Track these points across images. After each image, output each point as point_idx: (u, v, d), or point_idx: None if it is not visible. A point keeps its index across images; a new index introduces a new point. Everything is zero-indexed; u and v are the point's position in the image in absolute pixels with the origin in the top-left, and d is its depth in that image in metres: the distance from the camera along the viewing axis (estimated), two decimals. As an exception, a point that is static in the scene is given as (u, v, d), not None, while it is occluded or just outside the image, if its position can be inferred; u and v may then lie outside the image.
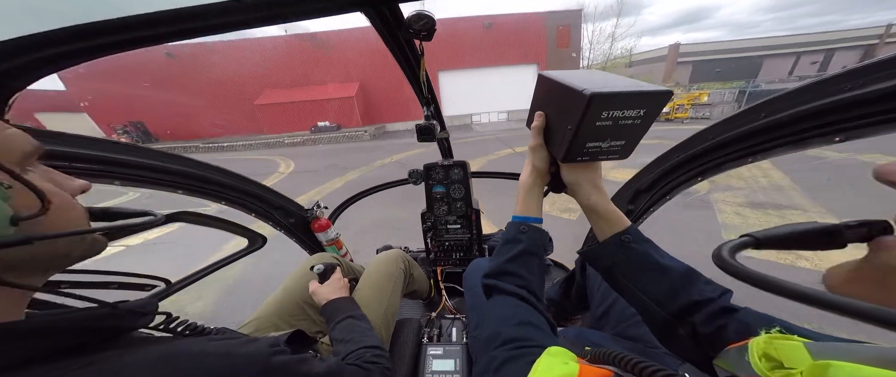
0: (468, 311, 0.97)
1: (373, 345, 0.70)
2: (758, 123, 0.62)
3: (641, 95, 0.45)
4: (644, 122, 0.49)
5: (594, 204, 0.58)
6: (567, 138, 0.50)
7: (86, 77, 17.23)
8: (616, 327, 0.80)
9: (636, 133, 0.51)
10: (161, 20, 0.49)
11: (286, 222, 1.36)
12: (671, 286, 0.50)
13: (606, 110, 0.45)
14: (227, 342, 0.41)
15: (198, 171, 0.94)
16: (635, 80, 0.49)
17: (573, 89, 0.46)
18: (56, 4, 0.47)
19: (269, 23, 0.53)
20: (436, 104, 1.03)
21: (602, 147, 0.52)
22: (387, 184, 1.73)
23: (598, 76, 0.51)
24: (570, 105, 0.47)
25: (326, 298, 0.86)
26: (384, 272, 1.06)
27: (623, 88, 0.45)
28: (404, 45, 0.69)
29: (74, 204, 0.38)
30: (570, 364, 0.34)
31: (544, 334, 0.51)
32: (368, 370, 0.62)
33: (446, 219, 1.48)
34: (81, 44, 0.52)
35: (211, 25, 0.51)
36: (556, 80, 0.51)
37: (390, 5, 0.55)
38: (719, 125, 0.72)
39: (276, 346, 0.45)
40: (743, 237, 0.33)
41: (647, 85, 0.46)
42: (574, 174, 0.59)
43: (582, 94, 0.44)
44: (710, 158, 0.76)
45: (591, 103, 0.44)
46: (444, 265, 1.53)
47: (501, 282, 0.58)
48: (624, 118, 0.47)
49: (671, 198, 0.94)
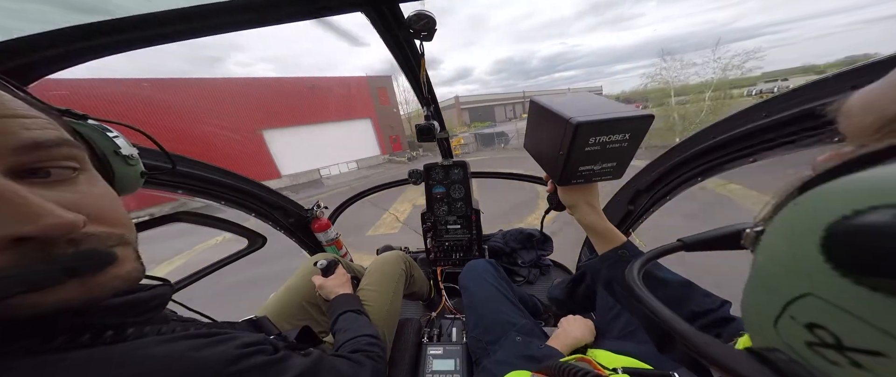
0: (466, 311, 0.97)
1: (369, 333, 0.70)
2: (757, 123, 0.62)
3: (624, 121, 0.47)
4: (631, 144, 0.50)
5: (591, 223, 0.62)
6: (560, 163, 0.52)
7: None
8: (625, 329, 0.80)
9: (625, 155, 0.52)
10: (162, 20, 0.49)
11: (286, 222, 1.36)
12: (669, 298, 0.52)
13: (593, 136, 0.47)
14: (190, 343, 0.35)
15: (198, 172, 0.94)
16: (622, 105, 0.51)
17: (561, 117, 0.48)
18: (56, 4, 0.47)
19: (269, 23, 0.53)
20: (436, 104, 1.03)
21: (594, 169, 0.54)
22: (387, 184, 1.73)
23: (585, 100, 0.53)
24: (560, 132, 0.49)
25: (333, 292, 0.86)
26: (386, 273, 1.06)
27: (607, 115, 0.47)
28: (404, 45, 0.69)
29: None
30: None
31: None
32: (358, 362, 0.59)
33: (446, 219, 1.48)
34: (81, 44, 0.52)
35: (212, 26, 0.51)
36: (546, 107, 0.53)
37: (390, 5, 0.55)
38: (719, 125, 0.72)
39: (252, 345, 0.40)
40: (677, 241, 0.38)
41: (630, 110, 0.49)
42: (571, 195, 0.62)
43: (569, 122, 0.46)
44: (710, 158, 0.76)
45: (577, 131, 0.46)
46: (443, 265, 1.53)
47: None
48: (611, 142, 0.49)
49: (671, 199, 0.94)
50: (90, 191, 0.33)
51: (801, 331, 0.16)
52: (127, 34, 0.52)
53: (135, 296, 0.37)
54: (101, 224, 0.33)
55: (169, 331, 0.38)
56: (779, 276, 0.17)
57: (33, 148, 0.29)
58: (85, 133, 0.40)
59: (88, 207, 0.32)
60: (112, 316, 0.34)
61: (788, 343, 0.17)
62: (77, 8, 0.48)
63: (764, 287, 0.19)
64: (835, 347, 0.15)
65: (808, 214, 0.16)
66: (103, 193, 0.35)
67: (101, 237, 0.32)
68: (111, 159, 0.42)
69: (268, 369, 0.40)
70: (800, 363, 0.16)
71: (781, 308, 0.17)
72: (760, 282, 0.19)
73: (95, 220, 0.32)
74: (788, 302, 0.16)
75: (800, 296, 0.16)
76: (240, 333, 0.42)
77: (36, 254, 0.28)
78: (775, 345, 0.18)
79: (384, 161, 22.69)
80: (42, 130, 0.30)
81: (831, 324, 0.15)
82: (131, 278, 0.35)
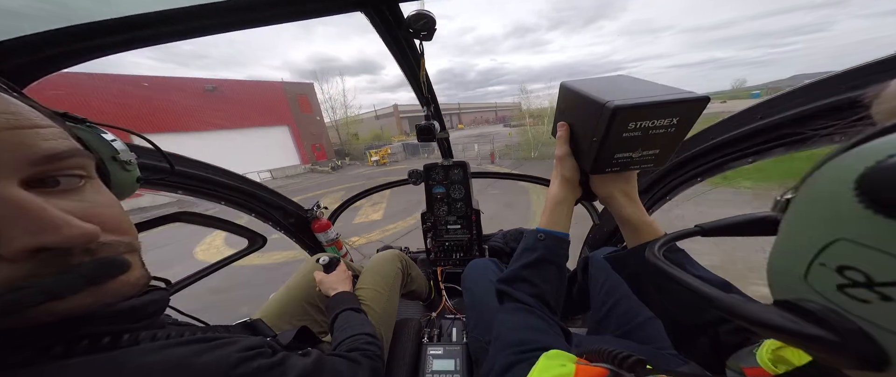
0: (467, 311, 0.97)
1: (367, 332, 0.70)
2: (757, 124, 0.63)
3: (671, 104, 0.42)
4: (679, 130, 0.45)
5: (628, 216, 0.56)
6: (593, 150, 0.48)
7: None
8: (621, 328, 0.80)
9: (672, 141, 0.47)
10: (162, 20, 0.49)
11: (286, 222, 1.36)
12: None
13: (633, 121, 0.43)
14: (191, 348, 0.35)
15: (198, 172, 0.94)
16: (667, 86, 0.46)
17: (595, 101, 0.44)
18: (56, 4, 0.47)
19: (269, 23, 0.53)
20: (436, 104, 1.03)
21: (633, 157, 0.49)
22: (387, 184, 1.73)
23: (625, 82, 0.49)
24: (594, 117, 0.45)
25: (333, 288, 0.87)
26: (381, 272, 1.06)
27: (649, 98, 0.42)
28: (404, 45, 0.69)
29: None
30: (567, 365, 0.35)
31: (551, 339, 0.50)
32: (356, 361, 0.59)
33: (446, 219, 1.48)
34: (81, 44, 0.52)
35: (212, 25, 0.51)
36: (578, 91, 0.49)
37: (390, 5, 0.55)
38: (719, 125, 0.72)
39: (252, 349, 0.40)
40: (694, 227, 0.38)
41: (678, 92, 0.43)
42: (605, 186, 0.57)
43: (605, 106, 0.42)
44: (710, 159, 0.76)
45: (614, 116, 0.42)
46: (443, 265, 1.53)
47: (514, 289, 0.57)
48: (654, 127, 0.44)
49: (671, 199, 0.94)
50: (98, 200, 0.34)
51: (832, 275, 0.17)
52: (127, 34, 0.52)
53: (135, 301, 0.37)
54: (112, 232, 0.33)
55: (163, 337, 0.38)
56: (809, 230, 0.19)
57: (51, 159, 0.29)
58: (83, 137, 0.39)
59: (99, 217, 0.32)
60: (111, 323, 0.34)
61: (819, 291, 0.18)
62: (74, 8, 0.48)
63: (793, 246, 0.20)
64: (865, 285, 0.16)
65: (843, 167, 0.17)
66: (110, 202, 0.36)
67: (113, 246, 0.33)
68: (108, 164, 0.41)
69: (268, 372, 0.40)
70: (831, 307, 0.18)
71: (812, 259, 0.18)
72: (789, 243, 0.21)
73: (106, 229, 0.32)
74: (820, 250, 0.18)
75: (830, 242, 0.17)
76: (238, 337, 0.42)
77: (53, 263, 0.28)
78: (806, 297, 0.19)
79: (305, 170, 21.28)
80: (56, 141, 0.30)
81: (861, 263, 0.16)
82: (139, 285, 0.36)
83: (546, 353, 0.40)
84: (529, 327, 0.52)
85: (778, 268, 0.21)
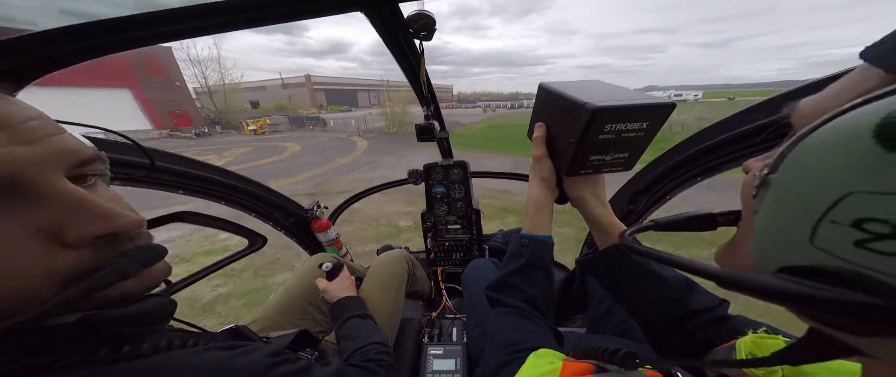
0: (467, 311, 0.97)
1: (378, 341, 0.70)
2: (756, 124, 0.63)
3: (644, 109, 0.44)
4: (647, 134, 0.47)
5: (597, 217, 0.58)
6: (570, 152, 0.49)
7: None
8: (619, 326, 0.80)
9: (639, 145, 0.49)
10: (162, 20, 0.49)
11: (286, 222, 1.36)
12: (670, 295, 0.52)
13: (609, 123, 0.44)
14: (221, 353, 0.37)
15: (198, 172, 0.94)
16: (637, 91, 0.48)
17: (574, 102, 0.45)
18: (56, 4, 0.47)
19: (269, 22, 0.53)
20: (436, 103, 1.03)
21: (605, 159, 0.51)
22: (387, 184, 1.73)
23: (598, 86, 0.50)
24: (572, 118, 0.46)
25: (337, 296, 0.86)
26: (389, 272, 1.06)
27: (626, 102, 0.44)
28: (404, 45, 0.69)
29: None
30: (555, 362, 0.36)
31: (541, 339, 0.52)
32: (372, 371, 0.61)
33: (446, 219, 1.48)
34: (81, 43, 0.52)
35: (212, 25, 0.51)
36: (557, 92, 0.50)
37: (390, 5, 0.55)
38: (719, 125, 0.72)
39: (277, 355, 0.42)
40: (649, 222, 0.40)
41: (648, 97, 0.46)
42: (577, 188, 0.59)
43: (584, 107, 0.43)
44: (709, 159, 0.76)
45: (593, 117, 0.43)
46: (444, 265, 1.53)
47: (503, 295, 0.59)
48: (627, 131, 0.46)
49: (670, 199, 0.94)
50: (110, 195, 0.36)
51: (848, 231, 0.16)
52: (125, 34, 0.52)
53: (144, 304, 0.37)
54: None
55: (167, 341, 0.39)
56: (809, 191, 0.18)
57: (91, 160, 0.33)
58: None
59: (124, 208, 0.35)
60: (128, 326, 0.35)
61: (832, 251, 0.17)
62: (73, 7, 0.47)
63: (787, 215, 0.19)
64: (890, 236, 0.14)
65: (855, 121, 0.16)
66: (115, 196, 0.37)
67: (146, 234, 0.36)
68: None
69: (299, 376, 0.42)
70: (853, 268, 0.16)
71: (818, 219, 0.17)
72: (781, 215, 0.19)
73: None
74: (827, 209, 0.16)
75: (840, 198, 0.16)
76: (257, 344, 0.44)
77: (105, 249, 0.31)
78: (815, 263, 0.17)
79: (162, 136, 20.42)
80: (85, 144, 0.33)
81: (884, 212, 0.14)
82: (167, 273, 0.38)
83: (535, 352, 0.41)
84: (520, 329, 0.53)
85: (770, 237, 0.20)
